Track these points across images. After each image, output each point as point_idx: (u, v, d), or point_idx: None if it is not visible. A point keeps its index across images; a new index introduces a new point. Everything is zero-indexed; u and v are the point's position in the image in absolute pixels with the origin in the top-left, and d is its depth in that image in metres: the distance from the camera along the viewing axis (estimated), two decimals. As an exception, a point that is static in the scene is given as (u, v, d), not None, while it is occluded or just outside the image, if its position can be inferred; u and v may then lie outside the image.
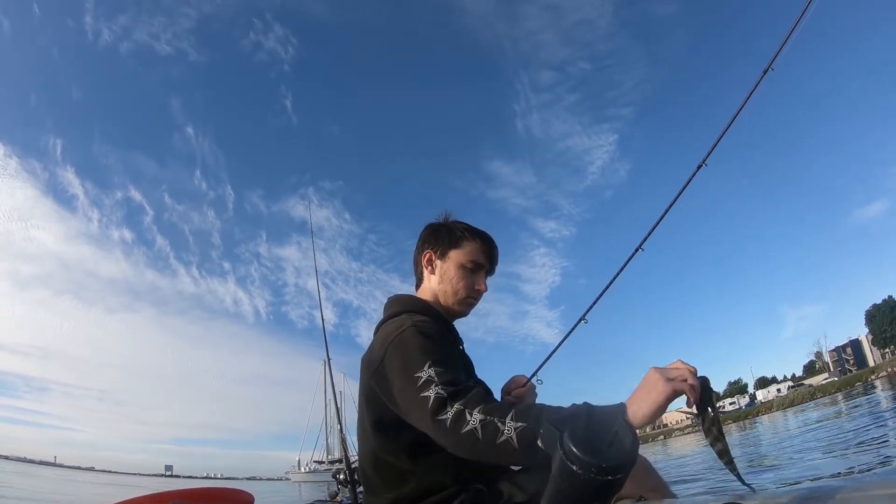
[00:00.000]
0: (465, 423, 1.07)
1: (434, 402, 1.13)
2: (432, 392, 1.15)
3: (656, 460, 21.12)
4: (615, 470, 0.85)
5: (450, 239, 1.59)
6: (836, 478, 5.34)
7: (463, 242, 1.58)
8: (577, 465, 0.84)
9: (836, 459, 6.95)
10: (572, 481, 0.85)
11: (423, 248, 1.63)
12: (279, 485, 62.26)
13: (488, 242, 1.61)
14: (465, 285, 1.57)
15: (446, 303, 1.58)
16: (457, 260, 1.57)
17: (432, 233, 1.64)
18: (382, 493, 1.40)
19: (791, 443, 12.48)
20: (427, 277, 1.61)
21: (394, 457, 1.37)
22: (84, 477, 61.71)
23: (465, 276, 1.56)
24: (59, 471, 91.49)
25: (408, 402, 1.22)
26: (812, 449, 9.98)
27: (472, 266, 1.57)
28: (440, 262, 1.59)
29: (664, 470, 9.90)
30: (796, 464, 8.10)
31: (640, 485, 1.27)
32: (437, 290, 1.58)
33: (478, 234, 1.61)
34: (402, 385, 1.23)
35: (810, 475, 6.02)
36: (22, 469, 61.94)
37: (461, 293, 1.57)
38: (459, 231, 1.60)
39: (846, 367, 70.36)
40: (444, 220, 1.67)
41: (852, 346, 71.41)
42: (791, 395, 59.34)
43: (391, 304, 1.60)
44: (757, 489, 1.08)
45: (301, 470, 58.79)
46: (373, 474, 1.43)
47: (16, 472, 41.62)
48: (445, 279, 1.57)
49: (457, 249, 1.58)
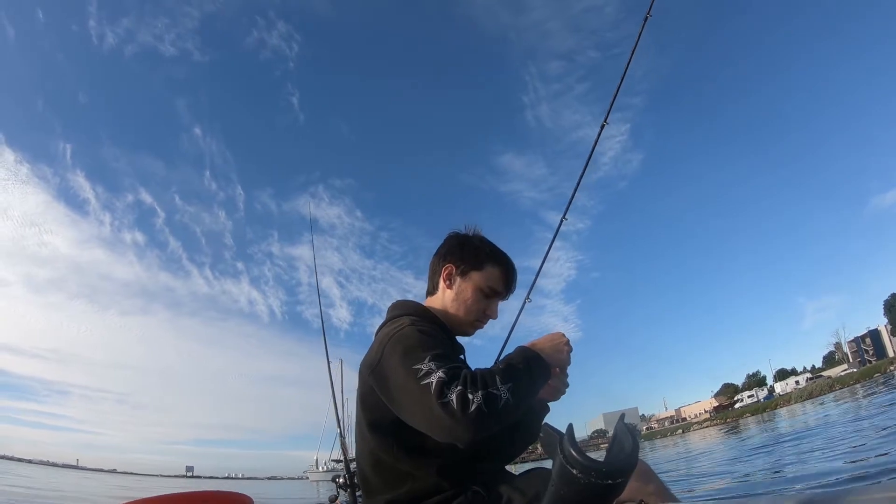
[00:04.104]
0: (471, 402, 1.08)
1: (437, 387, 1.11)
2: (434, 378, 1.13)
3: (673, 454, 20.93)
4: (615, 474, 0.84)
5: (475, 259, 1.57)
6: (840, 482, 5.27)
7: (486, 266, 1.57)
8: (578, 469, 0.84)
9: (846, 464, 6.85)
10: (572, 485, 0.85)
11: (446, 261, 1.60)
12: (298, 484, 62.63)
13: (509, 271, 1.60)
14: (477, 309, 1.56)
15: (456, 319, 1.56)
16: (477, 282, 1.55)
17: (458, 247, 1.61)
18: (380, 494, 1.39)
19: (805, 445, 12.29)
20: (443, 290, 1.59)
21: (392, 457, 1.36)
22: (106, 479, 62.43)
23: (480, 301, 1.56)
24: (82, 473, 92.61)
25: (409, 394, 1.18)
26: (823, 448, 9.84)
27: (489, 292, 1.56)
28: (460, 279, 1.57)
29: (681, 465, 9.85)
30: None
31: (641, 489, 1.27)
32: (450, 305, 1.56)
33: (501, 261, 1.59)
34: (403, 379, 1.20)
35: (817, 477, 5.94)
36: (47, 472, 62.80)
37: (472, 315, 1.56)
38: (486, 253, 1.58)
39: (865, 358, 69.10)
40: (471, 233, 1.64)
41: (871, 337, 70.02)
42: (809, 387, 58.40)
43: (394, 307, 1.59)
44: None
45: (319, 469, 58.94)
46: (371, 475, 1.42)
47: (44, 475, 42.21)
48: (461, 298, 1.55)
49: (478, 272, 1.56)
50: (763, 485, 6.28)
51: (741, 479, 7.57)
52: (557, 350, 1.34)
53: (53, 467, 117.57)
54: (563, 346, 1.35)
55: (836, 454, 7.81)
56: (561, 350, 1.34)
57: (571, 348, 1.37)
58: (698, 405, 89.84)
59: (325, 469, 57.03)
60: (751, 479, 7.27)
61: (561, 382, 1.43)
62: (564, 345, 1.36)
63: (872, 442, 8.46)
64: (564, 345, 1.36)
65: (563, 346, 1.35)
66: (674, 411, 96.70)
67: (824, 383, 55.68)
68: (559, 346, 1.35)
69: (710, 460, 13.88)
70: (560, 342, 1.36)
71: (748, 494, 5.64)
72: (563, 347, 1.35)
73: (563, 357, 1.35)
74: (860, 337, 72.53)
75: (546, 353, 1.30)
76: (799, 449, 10.45)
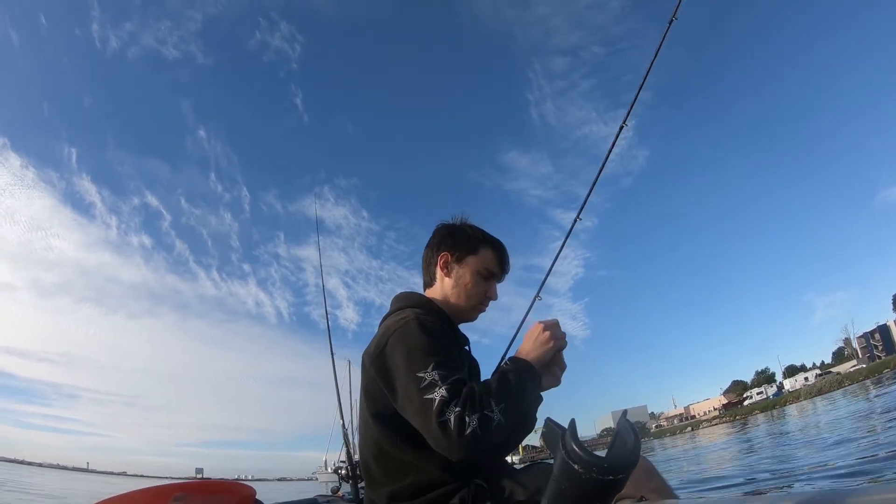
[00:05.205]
0: (466, 425, 1.14)
1: (438, 406, 1.17)
2: (437, 395, 1.18)
3: (682, 452, 20.82)
4: (617, 470, 0.85)
5: (468, 244, 1.62)
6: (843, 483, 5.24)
7: (480, 249, 1.62)
8: (579, 465, 0.85)
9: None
10: (574, 480, 0.86)
11: (440, 249, 1.65)
12: (307, 484, 62.67)
13: (502, 252, 1.65)
14: (478, 292, 1.61)
15: (458, 306, 1.60)
16: (474, 266, 1.60)
17: (450, 235, 1.66)
18: (383, 486, 1.41)
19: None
20: (441, 279, 1.63)
21: (395, 448, 1.38)
22: (118, 482, 62.72)
23: (479, 283, 1.60)
24: (93, 477, 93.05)
25: (410, 400, 1.25)
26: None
27: (486, 274, 1.61)
28: (456, 266, 1.62)
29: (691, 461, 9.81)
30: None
31: (642, 486, 1.28)
32: (450, 293, 1.61)
33: (493, 243, 1.65)
34: (405, 383, 1.26)
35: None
36: (58, 476, 63.07)
37: (474, 299, 1.61)
38: (477, 238, 1.64)
39: (875, 354, 68.46)
40: (459, 222, 1.69)
41: (880, 332, 69.25)
42: (818, 383, 57.88)
43: (397, 299, 1.64)
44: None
45: (328, 470, 58.82)
46: (374, 466, 1.44)
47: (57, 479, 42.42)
48: (460, 284, 1.60)
49: (474, 255, 1.61)
50: (768, 482, 6.26)
51: (747, 476, 7.53)
52: (542, 345, 1.36)
53: (64, 471, 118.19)
54: (546, 337, 1.37)
55: (844, 451, 7.77)
56: (545, 342, 1.36)
57: (555, 330, 1.38)
58: (707, 402, 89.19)
59: (333, 470, 56.94)
60: (756, 477, 7.24)
61: (558, 367, 1.43)
62: (544, 333, 1.37)
63: (883, 438, 8.41)
64: (544, 333, 1.37)
65: (545, 338, 1.37)
66: (683, 409, 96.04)
67: (834, 379, 55.21)
68: (543, 341, 1.36)
69: (716, 458, 13.81)
70: (541, 337, 1.37)
71: (751, 493, 5.62)
72: (545, 340, 1.37)
73: (549, 347, 1.36)
74: (869, 332, 71.77)
75: (535, 357, 1.34)
76: (806, 446, 10.39)
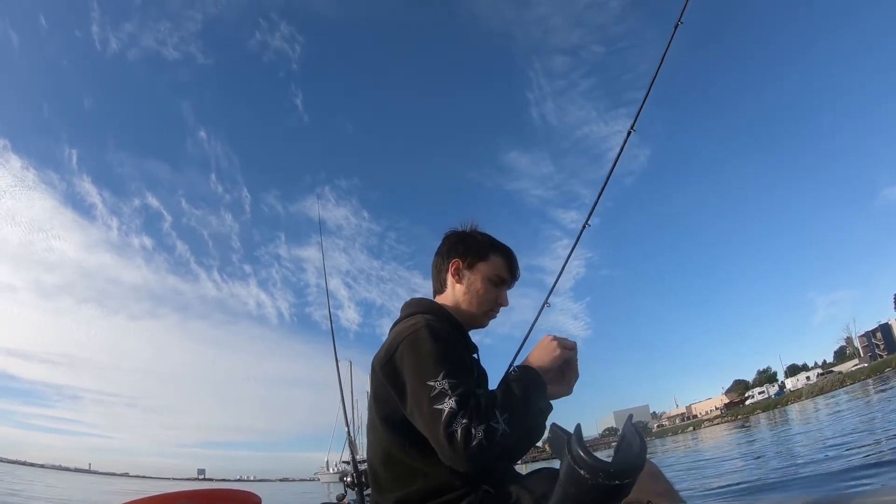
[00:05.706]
0: (472, 437, 1.16)
1: (447, 417, 1.19)
2: (446, 406, 1.20)
3: (684, 453, 20.83)
4: (623, 474, 0.87)
5: (479, 250, 1.64)
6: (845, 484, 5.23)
7: (490, 256, 1.64)
8: (585, 470, 0.87)
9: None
10: (580, 485, 0.88)
11: (451, 256, 1.66)
12: (309, 485, 62.75)
13: (512, 258, 1.67)
14: (489, 298, 1.62)
15: (470, 313, 1.62)
16: (485, 272, 1.62)
17: (460, 241, 1.68)
18: (390, 491, 1.42)
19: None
20: (452, 286, 1.65)
21: (404, 454, 1.39)
22: (121, 483, 62.86)
23: (491, 290, 1.62)
24: (95, 478, 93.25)
25: (419, 408, 1.26)
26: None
27: (497, 280, 1.62)
28: (468, 272, 1.63)
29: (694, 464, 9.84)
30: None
31: (649, 489, 1.28)
32: (462, 300, 1.62)
33: (503, 249, 1.67)
34: (415, 390, 1.28)
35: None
36: (62, 477, 63.24)
37: (485, 306, 1.62)
38: (487, 244, 1.65)
39: (876, 353, 68.33)
40: (469, 229, 1.71)
41: (882, 331, 69.05)
42: (820, 382, 57.82)
43: (408, 305, 1.65)
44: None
45: (330, 471, 58.97)
46: (382, 472, 1.45)
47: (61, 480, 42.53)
48: (472, 290, 1.61)
49: (484, 262, 1.63)
50: (771, 483, 6.26)
51: (750, 477, 7.53)
52: (551, 353, 1.41)
53: (66, 472, 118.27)
54: (554, 346, 1.42)
55: (846, 451, 7.76)
56: (554, 351, 1.41)
57: (564, 342, 1.43)
58: (709, 402, 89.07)
59: (335, 470, 56.97)
60: (759, 477, 7.24)
61: (572, 374, 1.49)
62: (552, 342, 1.42)
63: (883, 436, 8.40)
64: (552, 342, 1.42)
65: (554, 347, 1.42)
66: (684, 408, 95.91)
67: (835, 379, 55.15)
68: (551, 350, 1.42)
69: (718, 459, 13.80)
70: (549, 346, 1.42)
71: (755, 494, 5.60)
72: (554, 349, 1.42)
73: (557, 356, 1.41)
74: (871, 331, 71.62)
75: (543, 366, 1.40)
76: (808, 446, 10.38)
